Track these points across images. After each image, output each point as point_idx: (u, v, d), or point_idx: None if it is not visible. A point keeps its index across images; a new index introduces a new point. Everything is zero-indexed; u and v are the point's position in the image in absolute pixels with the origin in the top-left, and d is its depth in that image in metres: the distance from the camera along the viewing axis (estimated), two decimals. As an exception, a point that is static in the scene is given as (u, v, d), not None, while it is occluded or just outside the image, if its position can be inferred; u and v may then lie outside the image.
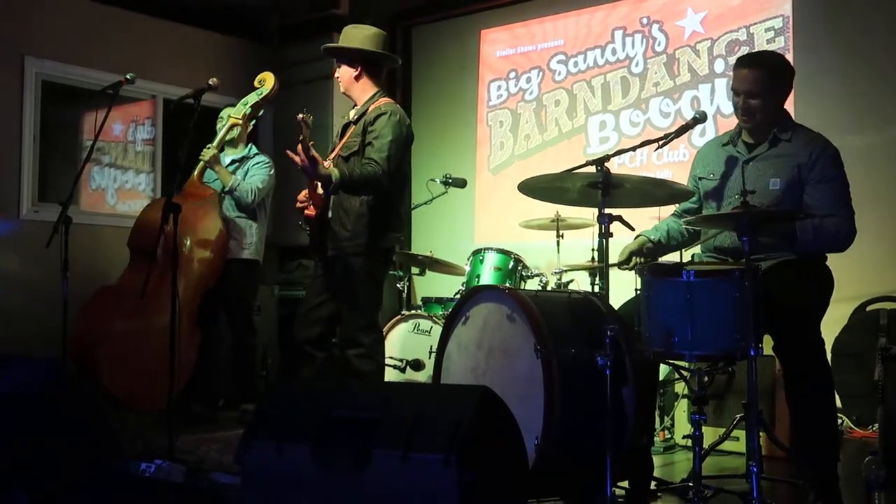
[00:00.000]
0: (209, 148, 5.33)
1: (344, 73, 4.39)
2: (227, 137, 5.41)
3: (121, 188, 7.07)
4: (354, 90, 4.40)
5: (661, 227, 3.83)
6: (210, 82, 4.76)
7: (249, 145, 5.59)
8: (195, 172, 5.38)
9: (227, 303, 5.47)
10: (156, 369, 4.80)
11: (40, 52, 6.56)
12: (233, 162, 5.48)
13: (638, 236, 3.77)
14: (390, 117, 4.21)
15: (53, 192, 6.51)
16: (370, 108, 4.28)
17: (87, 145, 6.33)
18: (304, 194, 4.31)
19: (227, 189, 5.35)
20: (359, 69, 4.36)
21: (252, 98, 5.38)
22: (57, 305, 4.47)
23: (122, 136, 7.29)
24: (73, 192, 4.67)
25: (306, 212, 4.25)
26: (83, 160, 4.92)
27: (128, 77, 4.76)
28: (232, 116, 5.40)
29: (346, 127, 4.39)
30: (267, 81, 5.42)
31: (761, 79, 3.52)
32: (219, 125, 5.52)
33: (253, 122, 5.64)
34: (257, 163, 5.49)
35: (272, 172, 5.51)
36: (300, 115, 3.93)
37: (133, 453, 3.57)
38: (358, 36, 4.39)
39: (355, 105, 4.42)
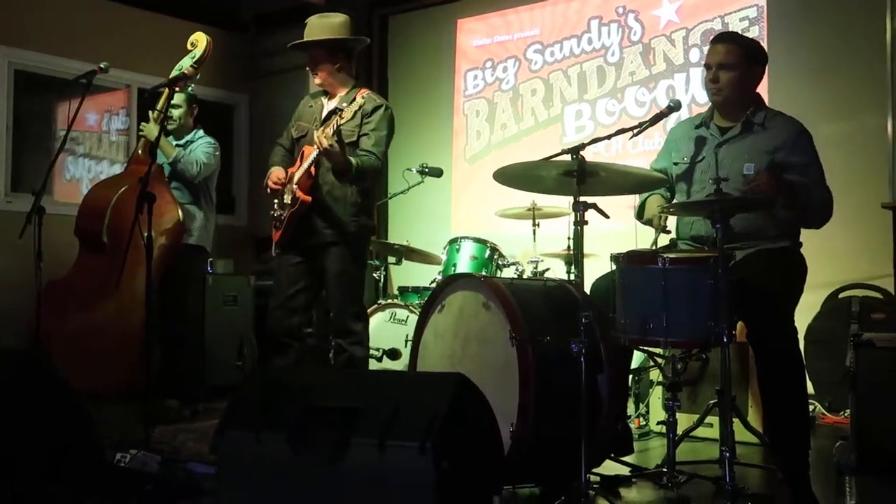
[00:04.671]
0: (148, 122, 5.10)
1: (324, 69, 4.35)
2: (170, 113, 5.10)
3: (95, 179, 7.00)
4: (335, 81, 4.39)
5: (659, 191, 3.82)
6: (185, 72, 4.73)
7: (196, 130, 5.37)
8: (138, 146, 5.21)
9: (167, 289, 5.10)
10: (109, 359, 4.75)
11: (13, 41, 6.50)
12: (178, 147, 5.23)
13: (649, 196, 3.76)
14: (385, 111, 4.32)
15: (27, 182, 6.45)
16: (357, 98, 4.19)
17: (60, 135, 6.28)
18: (277, 177, 4.30)
19: (170, 161, 5.11)
20: (340, 61, 4.35)
21: (186, 62, 5.02)
22: (30, 296, 4.45)
23: (97, 126, 7.24)
24: (46, 182, 4.62)
25: (304, 196, 4.21)
26: (57, 150, 4.87)
27: (101, 66, 4.70)
28: (164, 84, 4.99)
29: (330, 114, 4.29)
30: (199, 43, 5.03)
31: (734, 52, 3.55)
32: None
33: (195, 105, 5.38)
34: (203, 143, 5.27)
35: (217, 153, 5.28)
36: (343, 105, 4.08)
37: (108, 443, 3.56)
38: (329, 26, 4.35)
39: (328, 93, 4.39)
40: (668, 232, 3.66)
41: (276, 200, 4.36)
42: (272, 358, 4.42)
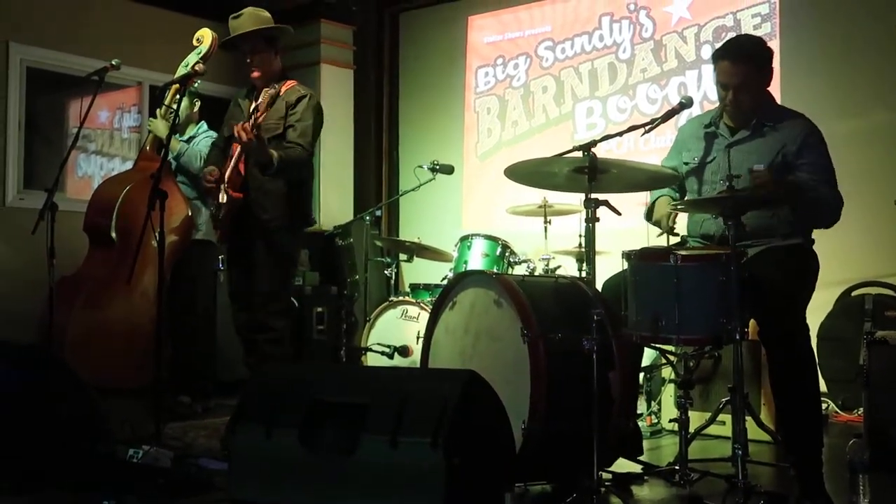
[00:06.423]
0: (156, 119, 5.15)
1: (264, 59, 4.36)
2: (173, 104, 4.97)
3: (107, 176, 7.01)
4: (271, 71, 4.37)
5: (668, 192, 3.82)
6: (196, 68, 4.73)
7: (200, 124, 5.39)
8: (146, 143, 5.24)
9: (177, 285, 5.13)
10: (120, 355, 4.80)
11: (25, 39, 6.51)
12: (181, 142, 5.27)
13: (658, 197, 3.74)
14: (310, 100, 4.30)
15: (39, 179, 6.47)
16: (283, 90, 4.24)
17: (72, 132, 6.29)
18: (210, 174, 4.28)
19: (173, 155, 5.15)
20: (276, 50, 4.39)
21: (192, 58, 5.01)
22: (43, 292, 4.47)
23: (108, 123, 7.25)
24: (58, 179, 4.63)
25: (234, 193, 4.19)
26: (69, 147, 4.89)
27: (113, 63, 4.71)
28: (175, 80, 5.04)
29: (256, 109, 4.30)
30: (205, 39, 5.06)
31: (748, 72, 3.49)
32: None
33: (197, 100, 5.38)
34: (205, 136, 5.28)
35: None
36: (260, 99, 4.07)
37: (121, 439, 3.57)
38: (262, 18, 4.40)
39: (257, 88, 4.37)
40: (677, 234, 3.65)
41: (213, 203, 4.34)
42: (245, 356, 4.43)
